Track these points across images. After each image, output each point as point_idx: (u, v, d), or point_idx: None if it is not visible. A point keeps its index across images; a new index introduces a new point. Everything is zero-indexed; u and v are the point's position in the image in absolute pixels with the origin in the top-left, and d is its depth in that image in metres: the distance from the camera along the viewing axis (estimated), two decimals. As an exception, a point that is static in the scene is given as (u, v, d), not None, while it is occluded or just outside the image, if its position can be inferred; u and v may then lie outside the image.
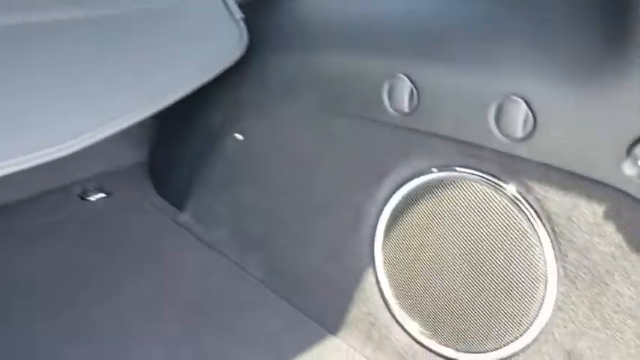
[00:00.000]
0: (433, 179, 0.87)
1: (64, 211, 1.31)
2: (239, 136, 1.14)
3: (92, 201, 1.35)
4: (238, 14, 1.10)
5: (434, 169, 0.87)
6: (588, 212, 0.73)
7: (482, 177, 0.82)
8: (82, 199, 1.36)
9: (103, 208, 1.33)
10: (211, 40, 1.06)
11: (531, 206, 0.78)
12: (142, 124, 1.46)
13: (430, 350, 0.90)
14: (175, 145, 1.37)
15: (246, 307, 1.08)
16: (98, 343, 0.98)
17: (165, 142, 1.42)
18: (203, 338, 1.00)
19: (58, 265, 1.15)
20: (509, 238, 0.80)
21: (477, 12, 0.82)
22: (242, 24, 1.10)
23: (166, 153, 1.41)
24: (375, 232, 0.94)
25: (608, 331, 0.73)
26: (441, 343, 0.89)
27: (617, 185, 0.69)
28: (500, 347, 0.83)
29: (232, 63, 1.03)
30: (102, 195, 1.36)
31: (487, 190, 0.82)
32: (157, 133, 1.44)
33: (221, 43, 1.06)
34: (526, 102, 0.74)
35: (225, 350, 0.98)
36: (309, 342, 0.99)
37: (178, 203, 1.33)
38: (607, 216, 0.72)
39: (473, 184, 0.83)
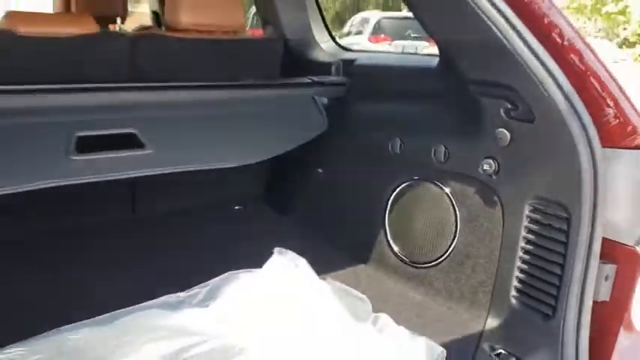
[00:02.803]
0: (411, 184, 1.90)
1: (220, 214, 2.40)
2: (320, 170, 2.22)
3: (235, 209, 2.44)
4: (323, 113, 2.21)
5: (412, 179, 1.90)
6: (469, 191, 1.73)
7: (431, 181, 1.84)
8: (229, 208, 2.45)
9: (240, 214, 2.42)
10: (304, 123, 2.17)
11: (450, 191, 1.79)
12: (262, 167, 2.56)
13: (406, 264, 1.88)
14: (283, 178, 2.46)
15: (315, 260, 2.07)
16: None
17: (276, 177, 2.52)
18: None
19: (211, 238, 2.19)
20: (442, 207, 1.80)
21: (426, 110, 1.89)
22: (324, 115, 2.20)
23: (277, 183, 2.50)
24: (385, 211, 1.96)
25: (483, 242, 1.70)
26: (411, 260, 1.88)
27: (478, 177, 1.70)
28: (438, 258, 1.81)
29: (316, 135, 2.12)
30: (240, 207, 2.45)
31: (432, 187, 1.84)
32: (271, 172, 2.54)
33: (311, 125, 2.16)
34: (444, 146, 1.78)
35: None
36: (343, 267, 1.98)
37: (282, 211, 2.39)
38: (475, 191, 1.72)
39: (427, 184, 1.85)
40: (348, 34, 13.35)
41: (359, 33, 13.04)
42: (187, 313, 1.46)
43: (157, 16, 3.43)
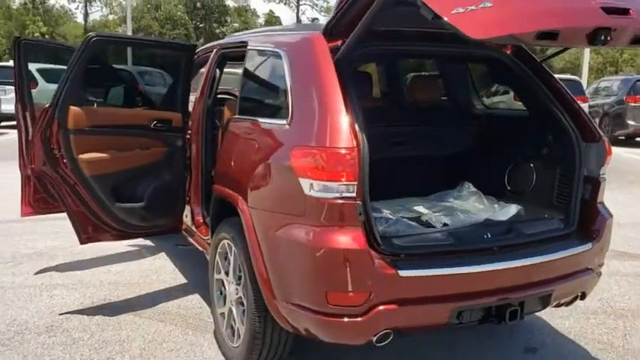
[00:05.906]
0: (516, 163, 4.57)
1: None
2: (477, 156, 4.96)
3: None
4: (476, 137, 4.98)
5: (516, 160, 4.58)
6: (538, 162, 4.37)
7: (524, 160, 4.51)
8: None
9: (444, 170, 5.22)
10: (469, 140, 4.93)
11: (531, 164, 4.43)
12: (450, 158, 5.40)
13: (512, 193, 4.52)
14: (459, 163, 5.23)
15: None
16: None
17: (455, 163, 5.29)
18: None
19: None
20: (527, 169, 4.44)
21: (523, 133, 4.56)
22: (476, 137, 4.95)
23: (456, 165, 5.26)
24: (505, 172, 4.62)
25: (544, 183, 4.31)
26: (515, 192, 4.52)
27: (541, 156, 4.33)
28: (525, 190, 4.43)
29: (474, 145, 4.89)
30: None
31: (524, 162, 4.50)
32: (453, 160, 5.30)
33: (472, 142, 4.92)
34: (530, 146, 4.44)
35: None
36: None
37: (458, 176, 5.15)
38: (540, 163, 4.35)
39: (522, 162, 4.52)
40: (495, 93, 15.78)
41: (505, 92, 15.39)
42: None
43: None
